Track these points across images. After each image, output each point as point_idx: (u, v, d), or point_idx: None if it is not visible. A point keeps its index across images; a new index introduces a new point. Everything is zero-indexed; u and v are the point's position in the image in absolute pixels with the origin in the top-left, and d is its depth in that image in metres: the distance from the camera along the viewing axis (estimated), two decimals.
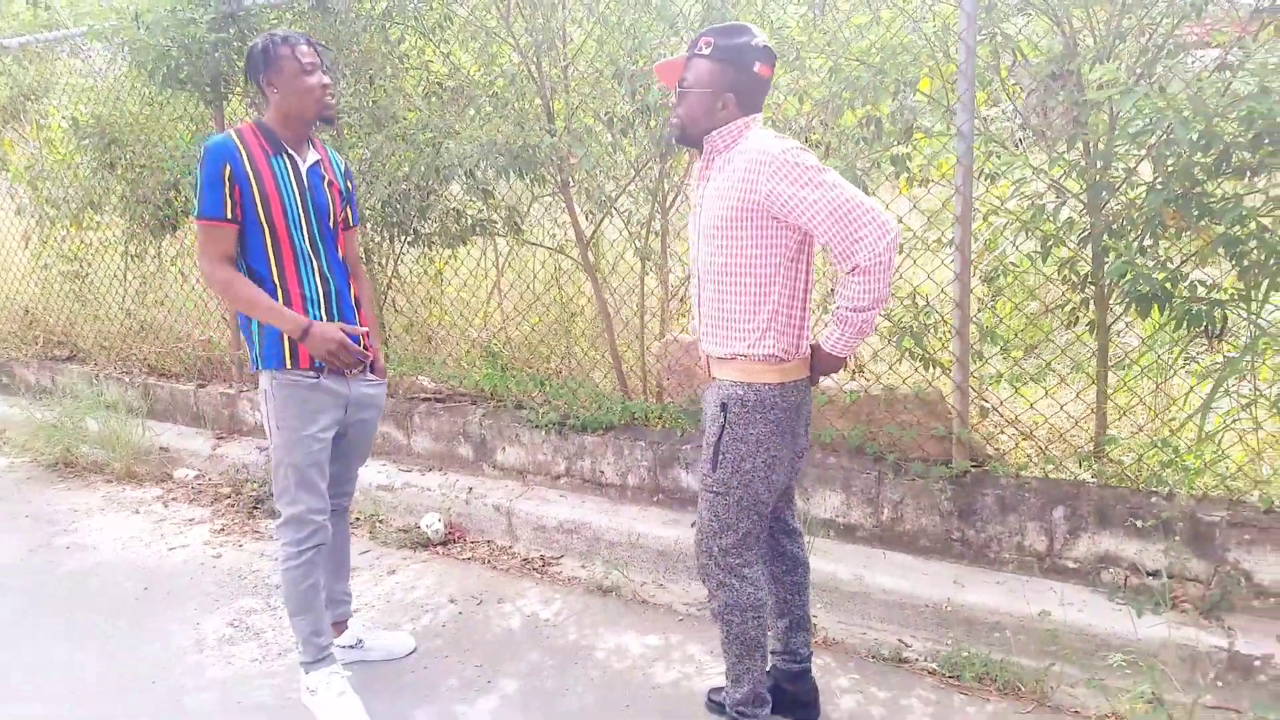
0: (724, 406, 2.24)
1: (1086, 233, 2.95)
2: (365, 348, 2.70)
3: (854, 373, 3.66)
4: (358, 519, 4.10)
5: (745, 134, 2.20)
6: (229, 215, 2.48)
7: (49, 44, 5.62)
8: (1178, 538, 2.81)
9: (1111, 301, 3.03)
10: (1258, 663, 2.55)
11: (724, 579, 2.31)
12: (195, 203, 2.50)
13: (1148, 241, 2.85)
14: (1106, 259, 2.94)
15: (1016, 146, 3.19)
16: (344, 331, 2.59)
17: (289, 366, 2.59)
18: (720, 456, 2.25)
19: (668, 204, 3.95)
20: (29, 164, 5.87)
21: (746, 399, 2.22)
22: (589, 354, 4.35)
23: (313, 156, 2.65)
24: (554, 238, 4.40)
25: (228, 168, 2.46)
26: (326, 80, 2.56)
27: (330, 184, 2.68)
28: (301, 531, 2.65)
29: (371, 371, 2.80)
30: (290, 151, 2.58)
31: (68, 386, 5.47)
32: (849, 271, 2.09)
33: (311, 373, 2.61)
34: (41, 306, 6.18)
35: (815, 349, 2.28)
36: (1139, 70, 2.82)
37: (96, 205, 5.43)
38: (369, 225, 4.35)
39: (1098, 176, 2.90)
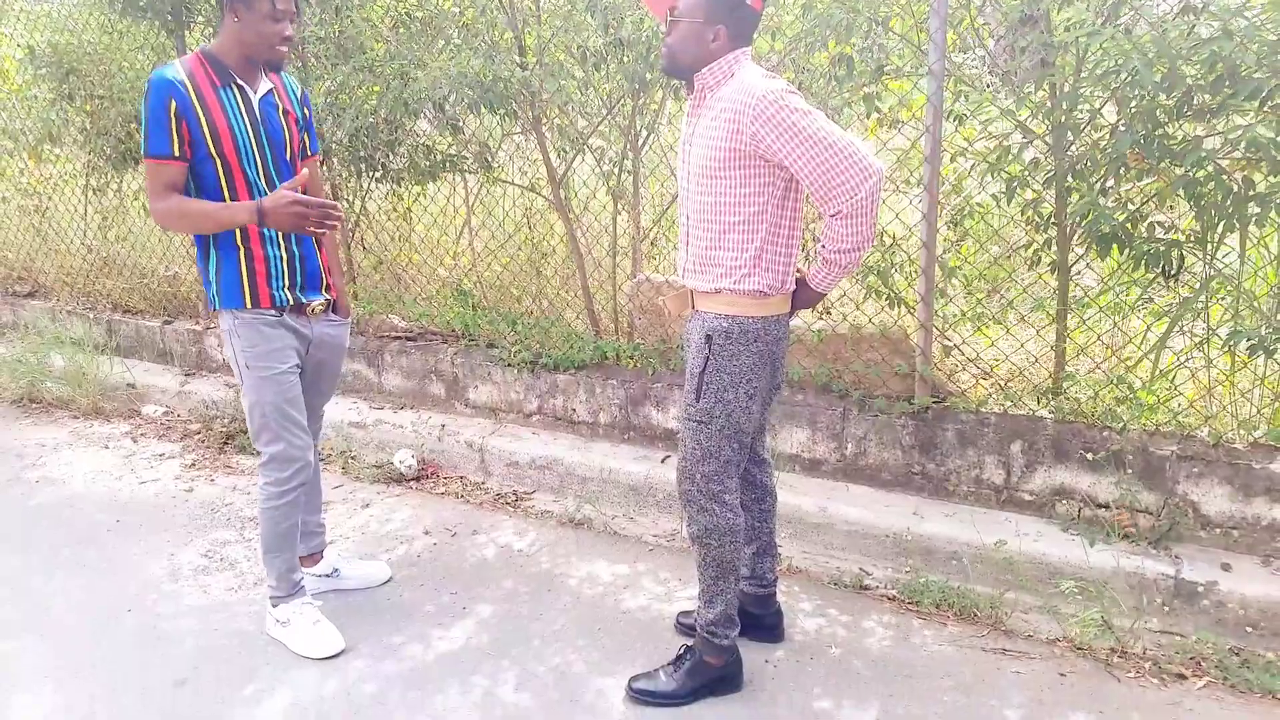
0: (709, 338, 2.28)
1: (1051, 174, 3.01)
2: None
3: (822, 312, 3.72)
4: (329, 455, 4.12)
5: (735, 70, 2.19)
6: (176, 153, 2.39)
7: None
8: (1130, 471, 2.93)
9: (1073, 242, 3.10)
10: (1201, 589, 2.67)
11: (705, 504, 2.37)
12: (142, 141, 2.41)
13: (1110, 183, 2.91)
14: (1069, 200, 3.00)
15: (986, 89, 3.22)
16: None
17: (249, 305, 2.54)
18: (704, 386, 2.30)
19: (640, 142, 3.94)
20: None
21: (731, 331, 2.26)
22: (560, 294, 4.37)
23: (265, 86, 2.54)
24: (525, 175, 4.38)
25: (173, 103, 2.36)
26: (290, 32, 2.45)
27: (286, 113, 2.58)
28: (285, 470, 2.64)
29: (334, 312, 2.77)
30: (240, 82, 2.47)
31: (30, 322, 5.40)
32: (831, 215, 2.12)
33: (273, 311, 2.57)
34: (0, 242, 6.05)
35: (800, 283, 2.32)
36: (1105, 12, 2.85)
37: (55, 138, 5.29)
38: (335, 160, 4.29)
39: (1063, 118, 2.94)
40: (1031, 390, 3.22)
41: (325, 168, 4.37)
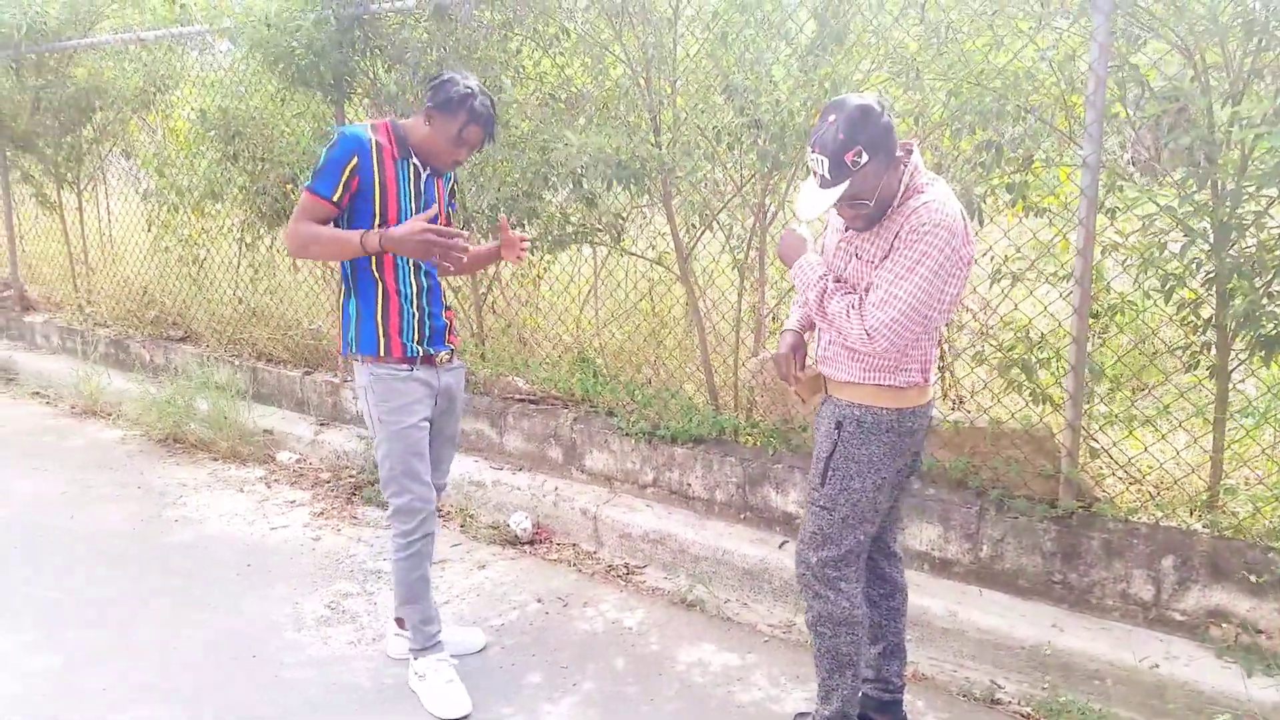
0: (839, 424, 2.26)
1: (1212, 274, 2.86)
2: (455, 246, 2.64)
3: (956, 403, 3.60)
4: (449, 513, 4.20)
5: (919, 181, 2.16)
6: (334, 198, 2.59)
7: (180, 38, 5.91)
8: None
9: (1234, 345, 2.92)
10: None
11: (820, 590, 2.31)
12: (310, 174, 2.62)
13: (1277, 286, 2.74)
14: (1231, 302, 2.84)
15: (1144, 185, 3.10)
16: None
17: (382, 356, 2.69)
18: (830, 472, 2.27)
19: (768, 220, 3.94)
20: (156, 151, 6.18)
21: (863, 420, 2.23)
22: (682, 366, 4.37)
23: None
24: (653, 248, 4.44)
25: (355, 160, 2.58)
26: (464, 158, 2.70)
27: (440, 194, 2.81)
28: (410, 522, 2.74)
29: (453, 357, 2.91)
30: (416, 160, 2.69)
31: (180, 366, 5.73)
32: (855, 303, 2.16)
33: (405, 365, 2.71)
34: (159, 288, 6.48)
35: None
36: (1275, 110, 2.72)
37: (217, 194, 5.67)
38: (475, 227, 4.45)
39: (1226, 217, 2.80)
40: (1185, 501, 3.01)
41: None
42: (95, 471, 4.78)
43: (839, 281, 2.27)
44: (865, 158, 2.05)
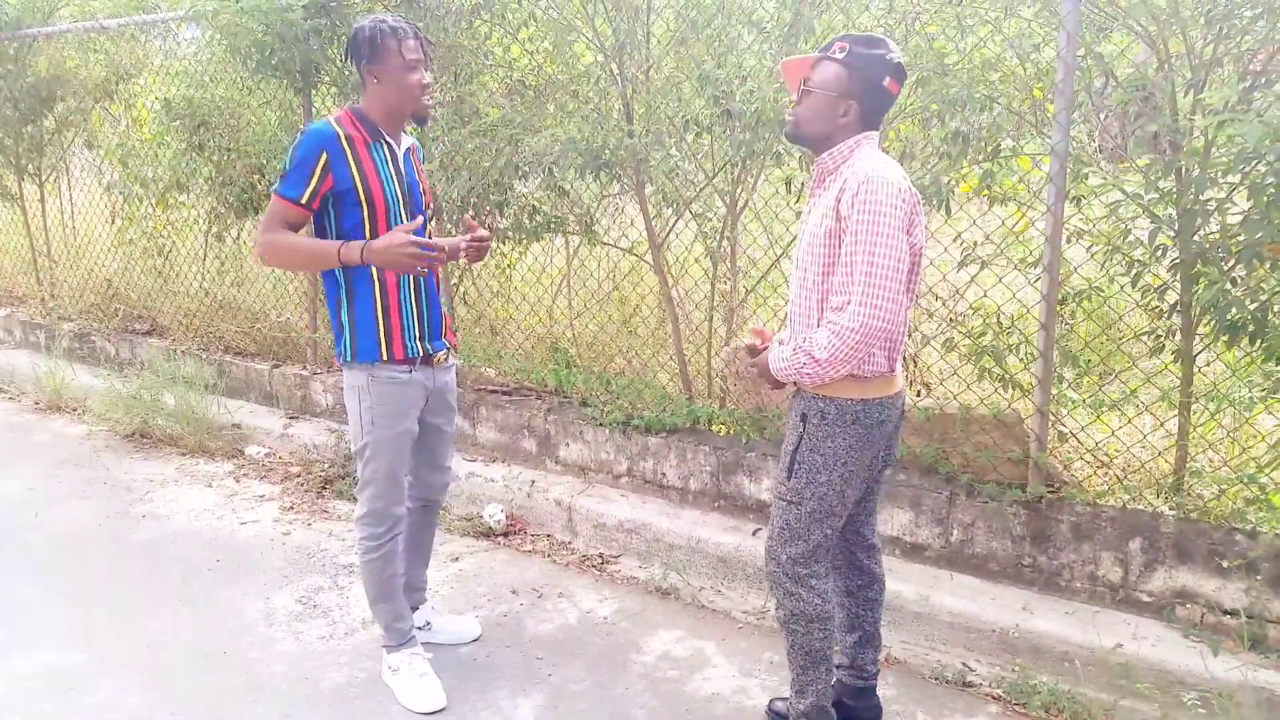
0: (804, 417, 2.25)
1: (1177, 259, 2.89)
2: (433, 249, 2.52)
3: (924, 389, 3.62)
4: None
5: (855, 153, 2.18)
6: (304, 201, 2.47)
7: (144, 26, 5.80)
8: (1260, 577, 2.74)
9: (1199, 330, 2.96)
10: None
11: (790, 588, 2.31)
12: (279, 179, 2.50)
13: (1240, 272, 2.78)
14: (1196, 286, 2.88)
15: (1112, 173, 3.13)
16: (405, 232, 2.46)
17: (384, 359, 2.59)
18: (796, 466, 2.26)
19: (739, 209, 3.94)
20: (119, 142, 6.06)
21: (827, 412, 2.22)
22: (655, 355, 4.36)
23: (406, 143, 2.65)
24: (626, 237, 4.42)
25: (324, 156, 2.45)
26: (428, 79, 2.52)
27: (418, 170, 2.71)
28: (382, 525, 2.69)
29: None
30: (388, 139, 2.58)
31: (146, 360, 5.64)
32: (833, 309, 2.12)
33: (405, 366, 2.62)
34: (124, 281, 6.37)
35: (768, 351, 2.30)
36: (1236, 97, 2.75)
37: (183, 185, 5.57)
38: (445, 218, 4.41)
39: (1190, 204, 2.83)
40: (1152, 484, 3.05)
41: (435, 224, 4.50)
42: (61, 468, 4.70)
43: (802, 270, 2.26)
44: (841, 55, 2.15)
